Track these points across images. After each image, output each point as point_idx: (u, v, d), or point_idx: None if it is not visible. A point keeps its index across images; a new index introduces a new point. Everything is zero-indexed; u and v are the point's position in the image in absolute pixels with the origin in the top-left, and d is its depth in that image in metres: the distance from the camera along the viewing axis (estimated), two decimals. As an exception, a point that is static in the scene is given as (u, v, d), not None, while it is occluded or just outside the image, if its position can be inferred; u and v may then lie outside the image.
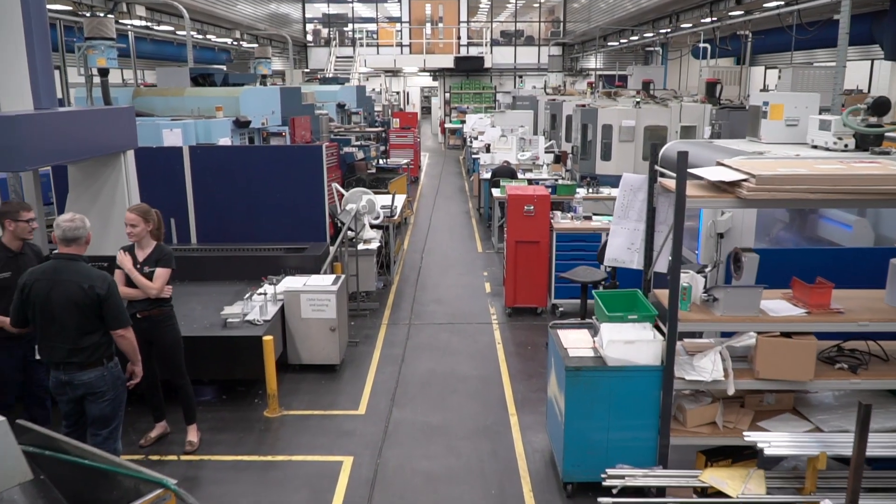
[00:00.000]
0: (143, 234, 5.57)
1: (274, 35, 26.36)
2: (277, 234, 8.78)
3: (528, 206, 8.49)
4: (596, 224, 8.72)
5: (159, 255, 5.60)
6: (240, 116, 10.96)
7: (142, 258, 5.56)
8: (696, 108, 13.02)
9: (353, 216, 8.74)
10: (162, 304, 5.58)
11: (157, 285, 5.49)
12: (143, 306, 5.50)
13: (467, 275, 10.81)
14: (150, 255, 5.58)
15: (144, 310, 5.50)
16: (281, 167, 8.79)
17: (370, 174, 14.49)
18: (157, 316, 5.56)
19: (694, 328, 4.76)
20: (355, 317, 8.74)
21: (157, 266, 5.54)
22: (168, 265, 5.60)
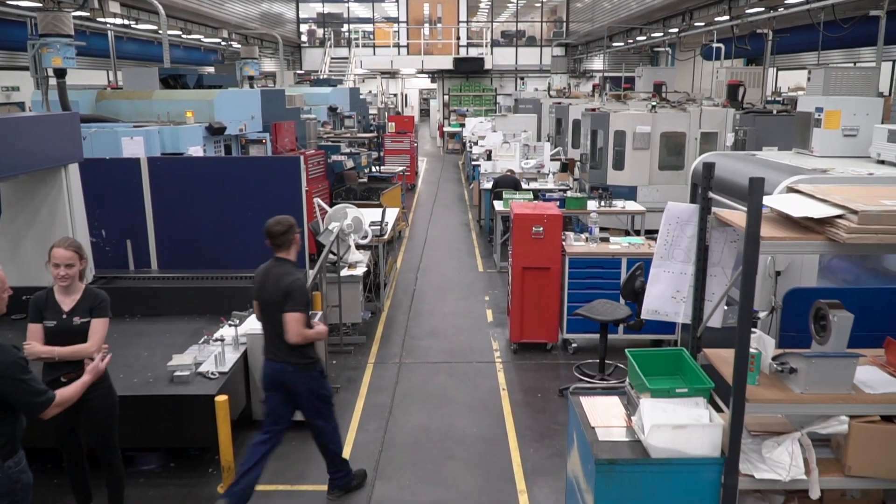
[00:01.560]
0: (76, 275, 4.39)
1: (265, 35, 25.24)
2: (249, 259, 7.57)
3: (537, 227, 7.35)
4: (614, 248, 7.58)
5: (93, 302, 4.40)
6: (213, 122, 9.83)
7: (69, 306, 4.36)
8: (717, 112, 11.89)
9: (334, 237, 7.60)
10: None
11: (96, 343, 4.32)
12: (70, 367, 4.32)
13: (467, 299, 9.67)
14: (81, 303, 4.39)
15: (71, 371, 4.34)
16: (253, 181, 7.67)
17: (361, 184, 13.36)
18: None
19: (766, 410, 3.62)
20: (337, 354, 7.60)
21: (91, 316, 4.37)
22: (105, 314, 4.43)
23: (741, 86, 12.28)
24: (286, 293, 4.67)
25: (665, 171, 12.03)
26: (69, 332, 4.30)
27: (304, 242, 7.70)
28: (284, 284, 4.69)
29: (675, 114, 12.01)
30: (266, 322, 4.87)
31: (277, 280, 4.73)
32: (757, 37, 15.20)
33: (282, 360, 4.80)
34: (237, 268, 7.48)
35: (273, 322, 4.76)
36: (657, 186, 12.01)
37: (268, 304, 4.79)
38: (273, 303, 4.74)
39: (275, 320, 4.73)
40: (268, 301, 4.78)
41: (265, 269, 4.88)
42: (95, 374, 4.09)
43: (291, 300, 4.67)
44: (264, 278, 4.83)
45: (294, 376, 4.81)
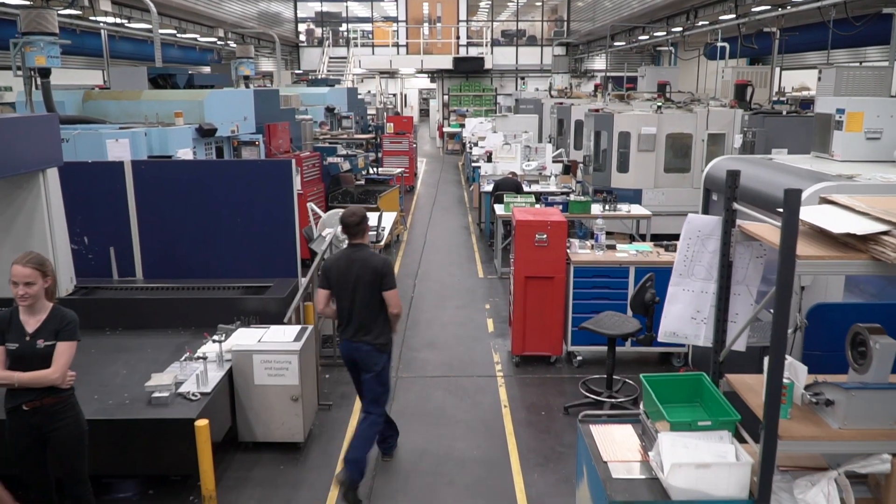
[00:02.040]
0: (39, 294, 4.02)
1: (262, 34, 24.88)
2: (239, 268, 7.30)
3: (541, 234, 6.99)
4: (621, 256, 7.21)
5: (59, 324, 4.02)
6: (203, 123, 9.48)
7: (33, 327, 3.98)
8: (724, 113, 11.52)
9: (327, 244, 7.24)
10: (59, 389, 4.05)
11: (60, 370, 3.95)
12: (33, 395, 3.96)
13: (467, 307, 9.30)
14: (46, 324, 4.01)
15: (35, 399, 3.97)
16: (243, 186, 7.31)
17: (358, 187, 13.02)
18: (51, 406, 4.03)
19: (800, 448, 3.25)
20: (331, 367, 7.24)
21: (57, 339, 4.00)
22: (72, 336, 4.05)
23: (749, 86, 11.92)
24: (381, 273, 5.05)
25: (671, 173, 11.67)
26: (33, 355, 3.93)
27: (297, 249, 7.34)
28: (375, 264, 5.07)
29: (682, 114, 11.65)
30: (348, 303, 5.11)
31: (365, 262, 5.07)
32: (764, 35, 14.83)
33: (361, 340, 5.12)
34: (226, 277, 7.14)
35: (360, 301, 5.08)
36: (663, 189, 11.65)
37: (357, 286, 5.07)
38: (364, 283, 5.06)
39: (363, 300, 5.07)
40: (356, 282, 5.07)
41: (346, 255, 5.18)
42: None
43: (388, 277, 5.08)
44: (349, 263, 5.11)
45: (369, 355, 5.14)
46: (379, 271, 5.04)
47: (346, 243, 5.26)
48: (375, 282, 5.04)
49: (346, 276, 5.10)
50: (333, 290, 5.18)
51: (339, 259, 5.21)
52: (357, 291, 5.08)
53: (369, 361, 5.15)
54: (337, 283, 5.14)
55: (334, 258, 5.28)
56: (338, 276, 5.14)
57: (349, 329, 5.17)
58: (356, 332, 5.13)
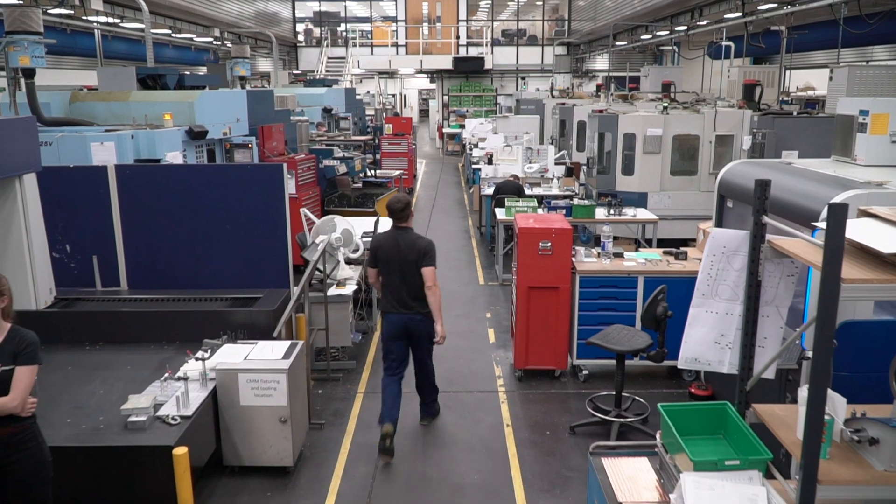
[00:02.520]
0: None
1: (259, 34, 24.54)
2: (227, 277, 6.95)
3: (545, 242, 6.64)
4: (629, 265, 6.86)
5: (18, 346, 3.68)
6: (193, 125, 9.14)
7: None
8: (733, 114, 11.17)
9: (320, 253, 6.89)
10: (19, 418, 3.70)
11: (19, 397, 3.61)
12: (-9, 424, 3.64)
13: (467, 317, 8.95)
14: (3, 346, 3.67)
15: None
16: (232, 191, 6.96)
17: (356, 189, 12.67)
18: (11, 435, 3.69)
19: (841, 494, 2.90)
20: (324, 382, 6.90)
21: (15, 363, 3.66)
22: (32, 360, 3.71)
23: (758, 85, 11.57)
24: (424, 252, 5.65)
25: (677, 176, 11.32)
26: (-11, 381, 3.59)
27: (289, 257, 7.00)
28: (421, 246, 5.68)
29: (688, 115, 11.30)
30: (396, 280, 5.70)
31: (412, 243, 5.69)
32: (771, 34, 14.49)
33: (412, 311, 5.72)
34: (214, 287, 6.81)
35: (407, 278, 5.68)
36: (669, 193, 11.30)
37: (403, 264, 5.67)
38: (409, 262, 5.65)
39: (413, 277, 5.65)
40: (403, 261, 5.66)
41: (392, 237, 5.77)
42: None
43: (429, 257, 5.66)
44: (395, 243, 5.71)
45: (420, 323, 5.76)
46: (423, 251, 5.65)
47: (392, 226, 5.81)
48: (416, 259, 5.64)
49: (393, 257, 5.70)
50: (381, 268, 5.80)
51: (387, 241, 5.79)
52: (406, 270, 5.67)
53: (425, 329, 5.79)
54: (384, 262, 5.75)
55: (382, 239, 5.87)
56: (385, 256, 5.74)
57: (401, 303, 5.72)
58: (409, 306, 5.71)
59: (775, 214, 4.59)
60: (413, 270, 5.65)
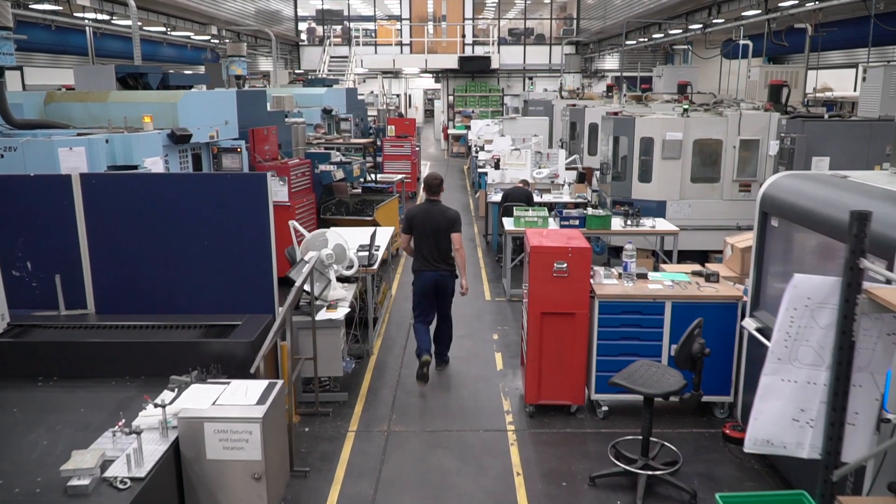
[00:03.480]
0: None
1: (259, 32, 23.83)
2: (205, 299, 6.22)
3: (560, 263, 5.89)
4: (656, 288, 6.10)
5: None
6: (176, 128, 8.43)
7: None
8: (759, 117, 10.40)
9: (307, 272, 6.15)
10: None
11: None
12: None
13: (472, 338, 8.21)
14: None
15: None
16: (210, 203, 6.22)
17: (354, 196, 11.93)
18: None
19: None
20: (311, 418, 6.17)
21: None
22: None
23: (785, 86, 10.79)
24: (453, 221, 6.91)
25: (698, 183, 10.56)
26: None
27: (273, 277, 6.26)
28: (450, 215, 6.94)
29: (711, 118, 10.53)
30: (430, 243, 6.94)
31: (442, 213, 6.95)
32: (794, 32, 13.70)
33: (442, 269, 6.99)
34: (190, 310, 6.08)
35: (439, 242, 6.92)
36: (689, 201, 10.54)
37: (436, 231, 6.90)
38: (441, 229, 6.89)
39: (443, 241, 6.91)
40: (436, 228, 6.90)
41: (426, 208, 7.02)
42: None
43: (457, 224, 6.93)
44: (428, 213, 6.96)
45: (448, 279, 7.03)
46: (452, 219, 6.93)
47: (426, 199, 7.12)
48: (447, 226, 6.90)
49: (426, 224, 6.93)
50: (415, 234, 7.02)
51: (421, 211, 7.01)
52: (438, 235, 6.91)
53: (450, 283, 7.09)
54: (419, 228, 6.96)
55: (416, 210, 7.07)
56: (420, 224, 6.96)
57: (432, 262, 6.98)
58: (438, 265, 6.98)
59: (833, 238, 3.84)
60: (443, 236, 6.91)
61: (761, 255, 5.29)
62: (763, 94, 13.31)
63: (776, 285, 5.22)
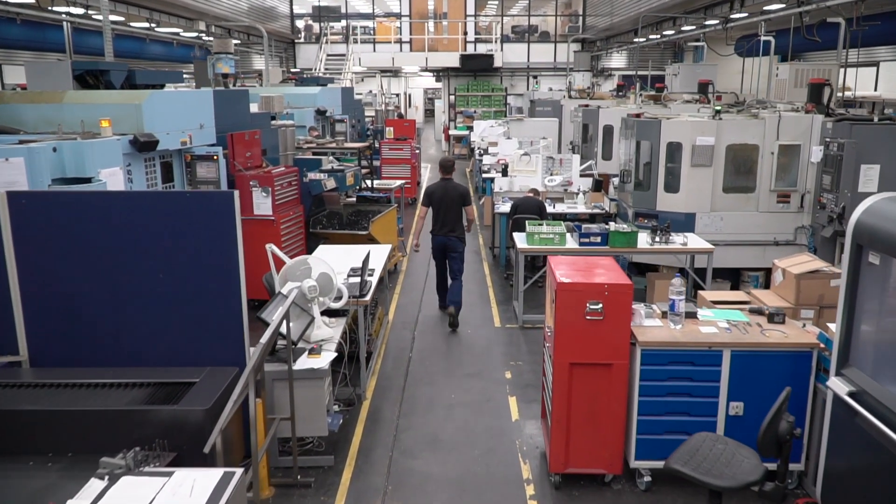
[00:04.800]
0: None
1: (251, 28, 22.71)
2: (162, 345, 5.13)
3: (594, 303, 4.78)
4: (709, 332, 4.99)
5: None
6: (140, 133, 7.33)
7: None
8: (800, 120, 9.29)
9: (284, 312, 5.04)
10: None
11: None
12: None
13: (481, 376, 7.10)
14: None
15: None
16: (167, 227, 5.12)
17: (349, 206, 10.82)
18: None
19: None
20: (289, 490, 5.06)
21: None
22: None
23: (827, 85, 9.67)
24: (464, 195, 8.71)
25: (731, 193, 9.44)
26: None
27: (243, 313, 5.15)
28: (461, 190, 8.74)
29: (746, 121, 9.40)
30: (444, 214, 8.62)
31: (455, 188, 8.70)
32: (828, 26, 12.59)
33: (450, 235, 8.63)
34: (141, 359, 5.00)
35: (449, 213, 8.62)
36: (721, 213, 9.42)
37: (449, 203, 8.61)
38: (453, 202, 8.62)
39: (453, 212, 8.62)
40: (449, 201, 8.62)
41: (443, 185, 8.73)
42: None
43: (468, 198, 8.76)
44: (444, 189, 8.68)
45: (457, 243, 8.65)
46: (462, 194, 8.67)
47: (441, 178, 8.79)
48: (459, 201, 8.62)
49: (443, 199, 8.60)
50: (433, 207, 8.66)
51: (438, 188, 8.69)
52: (449, 206, 8.57)
53: (456, 247, 8.62)
54: (437, 202, 8.63)
55: (434, 187, 8.75)
56: (437, 198, 8.63)
57: (443, 229, 8.61)
58: (448, 231, 8.59)
59: None
60: (455, 208, 8.61)
61: (853, 299, 4.18)
62: (793, 93, 12.21)
63: (874, 338, 4.12)
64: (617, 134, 13.31)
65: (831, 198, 8.81)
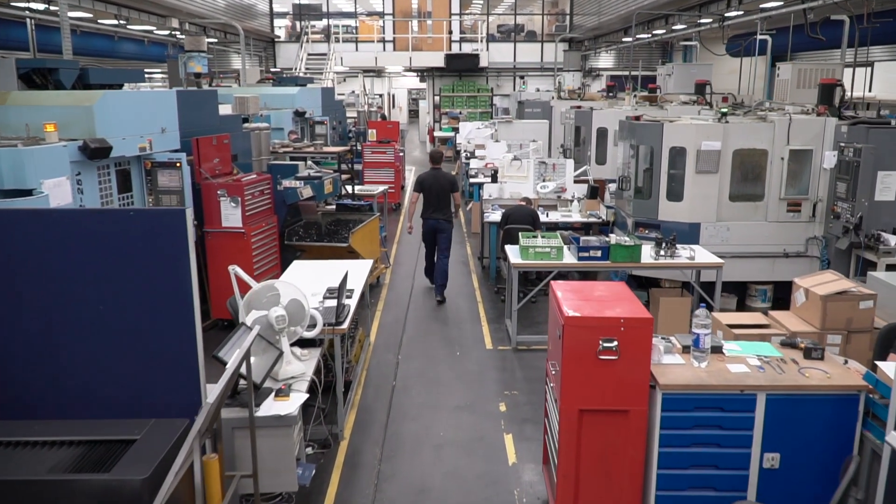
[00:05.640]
0: None
1: (227, 26, 21.86)
2: (103, 389, 4.38)
3: (609, 341, 4.09)
4: (739, 371, 4.31)
5: None
6: (90, 139, 6.58)
7: None
8: (812, 123, 8.67)
9: (245, 352, 4.30)
10: None
11: None
12: None
13: (472, 409, 6.39)
14: None
15: None
16: (108, 252, 4.37)
17: (328, 215, 10.07)
18: None
19: None
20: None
21: None
22: None
23: (839, 86, 9.06)
24: (452, 182, 9.53)
25: (738, 202, 8.82)
26: None
27: (198, 351, 4.41)
28: (449, 178, 9.59)
29: (754, 124, 8.77)
30: (434, 200, 9.45)
31: (443, 177, 9.53)
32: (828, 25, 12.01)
33: (441, 218, 9.47)
34: (77, 408, 4.26)
35: (439, 199, 9.44)
36: (727, 223, 8.79)
37: (438, 190, 9.43)
38: (442, 189, 9.44)
39: (442, 198, 9.44)
40: (438, 189, 9.43)
41: (433, 174, 9.56)
42: None
43: (456, 185, 9.60)
44: (435, 178, 9.50)
45: (446, 225, 9.48)
46: (451, 182, 9.51)
47: (431, 168, 9.64)
48: (448, 188, 9.44)
49: (433, 186, 9.42)
50: (424, 193, 9.45)
51: (428, 176, 9.51)
52: (439, 193, 9.42)
53: (444, 228, 9.47)
54: (427, 189, 9.43)
55: (425, 175, 9.55)
56: (428, 186, 9.43)
57: (434, 213, 9.45)
58: (437, 214, 9.45)
59: None
60: (443, 195, 9.36)
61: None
62: (796, 94, 11.63)
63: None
64: (611, 137, 12.67)
65: (846, 207, 8.20)
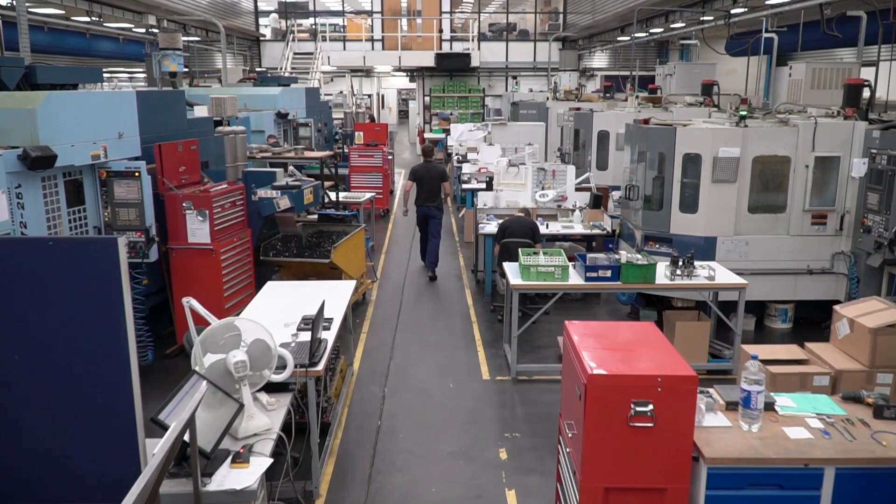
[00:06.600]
0: None
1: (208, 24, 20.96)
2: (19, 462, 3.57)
3: (643, 404, 3.29)
4: (801, 440, 3.52)
5: None
6: (31, 147, 5.74)
7: None
8: (839, 127, 7.91)
9: (195, 406, 3.47)
10: None
11: None
12: None
13: (468, 456, 5.58)
14: None
15: None
16: (26, 289, 3.56)
17: (308, 226, 9.22)
18: None
19: None
20: None
21: None
22: None
23: (866, 86, 8.31)
24: (442, 173, 10.58)
25: (758, 214, 8.06)
26: None
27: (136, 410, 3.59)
28: (440, 169, 10.70)
29: (775, 129, 8.01)
30: (427, 190, 10.39)
31: (435, 168, 10.61)
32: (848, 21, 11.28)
33: (432, 206, 10.44)
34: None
35: (431, 189, 10.40)
36: (746, 237, 8.03)
37: (429, 181, 10.41)
38: (435, 179, 10.45)
39: (434, 188, 10.42)
40: (430, 179, 10.42)
41: (425, 166, 10.62)
42: None
43: (446, 175, 10.67)
44: (427, 169, 10.53)
45: (437, 211, 10.48)
46: (441, 172, 10.61)
47: (423, 160, 10.86)
48: (439, 178, 10.52)
49: (425, 176, 10.47)
50: (417, 183, 10.49)
51: (422, 167, 10.60)
52: (432, 184, 10.44)
53: (435, 214, 10.49)
54: (420, 179, 10.48)
55: (419, 167, 10.66)
56: (420, 176, 10.49)
57: (426, 202, 10.44)
58: (428, 202, 10.44)
59: None
60: (434, 184, 10.46)
61: None
62: (810, 95, 10.90)
63: None
64: (613, 141, 11.91)
65: (879, 220, 7.44)
